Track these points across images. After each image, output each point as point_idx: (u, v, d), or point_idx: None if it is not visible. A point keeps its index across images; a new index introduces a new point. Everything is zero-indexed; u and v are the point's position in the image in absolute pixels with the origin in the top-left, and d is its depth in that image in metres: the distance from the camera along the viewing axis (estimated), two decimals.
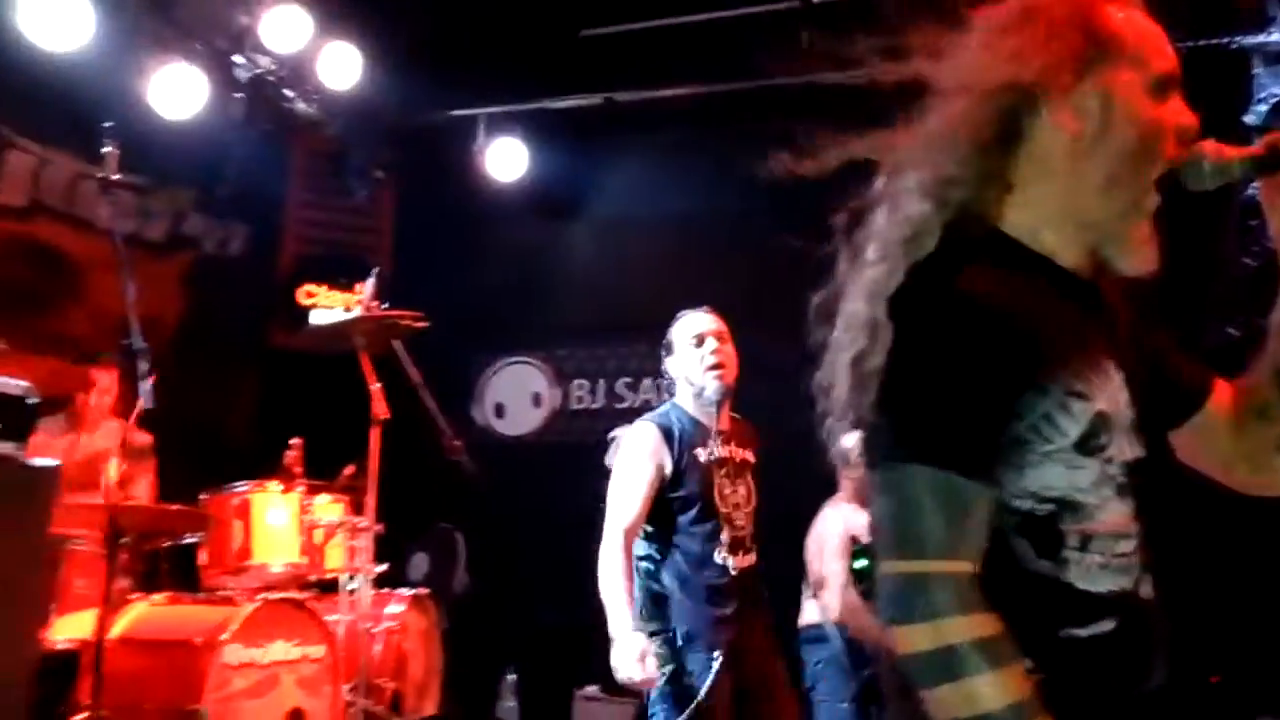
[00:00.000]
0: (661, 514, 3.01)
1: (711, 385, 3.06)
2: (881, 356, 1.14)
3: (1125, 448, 1.19)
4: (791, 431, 1.36)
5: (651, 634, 2.90)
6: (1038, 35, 1.22)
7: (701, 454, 3.03)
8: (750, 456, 3.16)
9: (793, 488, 4.37)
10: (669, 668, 2.87)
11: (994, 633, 1.07)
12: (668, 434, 3.03)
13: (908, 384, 1.13)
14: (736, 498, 3.04)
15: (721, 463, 3.04)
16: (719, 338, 3.16)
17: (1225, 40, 4.45)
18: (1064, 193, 1.25)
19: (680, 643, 2.91)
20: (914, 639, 1.08)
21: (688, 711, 2.84)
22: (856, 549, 3.95)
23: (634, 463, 3.00)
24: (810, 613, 4.26)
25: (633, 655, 2.79)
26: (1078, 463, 1.15)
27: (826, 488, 4.25)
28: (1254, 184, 1.32)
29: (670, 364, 3.19)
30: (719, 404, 3.09)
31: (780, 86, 5.10)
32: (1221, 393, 1.36)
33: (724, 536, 2.97)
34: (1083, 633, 1.14)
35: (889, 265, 1.19)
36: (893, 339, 1.14)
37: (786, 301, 1.32)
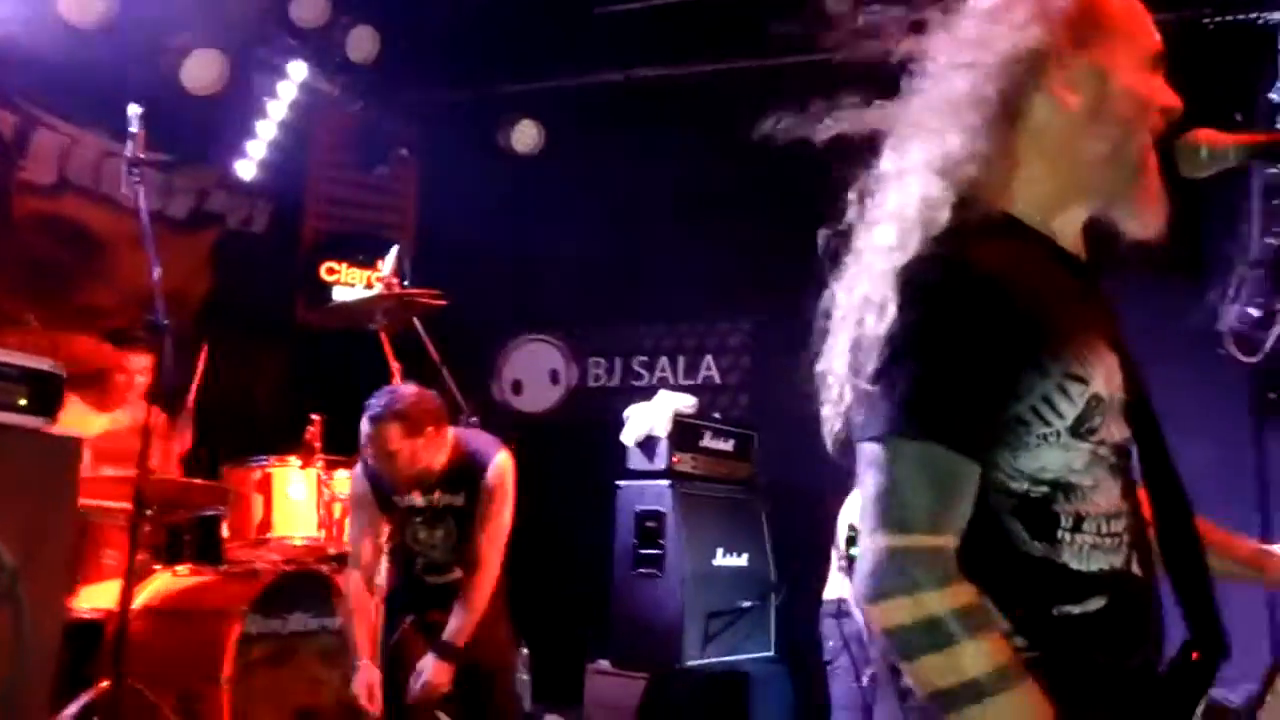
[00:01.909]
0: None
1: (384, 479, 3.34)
2: (884, 330, 1.14)
3: (1114, 430, 1.19)
4: (805, 412, 1.37)
5: None
6: (1033, 9, 1.24)
7: (399, 500, 3.36)
8: (459, 500, 3.33)
9: (806, 465, 4.41)
10: None
11: (973, 601, 1.08)
12: (376, 482, 3.36)
13: (907, 357, 1.12)
14: (432, 539, 3.36)
15: (417, 510, 3.35)
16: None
17: (1253, 16, 4.39)
18: (1066, 168, 1.26)
19: None
20: (895, 613, 1.08)
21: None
22: (850, 537, 3.95)
23: (353, 508, 3.47)
24: (835, 587, 4.24)
25: (362, 685, 3.26)
26: (1072, 445, 1.16)
27: (835, 467, 4.25)
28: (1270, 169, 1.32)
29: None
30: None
31: (798, 64, 5.08)
32: None
33: (419, 563, 3.38)
34: (1075, 610, 1.15)
35: (897, 244, 1.18)
36: (896, 311, 1.13)
37: (804, 280, 1.32)
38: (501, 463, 3.34)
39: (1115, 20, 1.27)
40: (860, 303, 1.18)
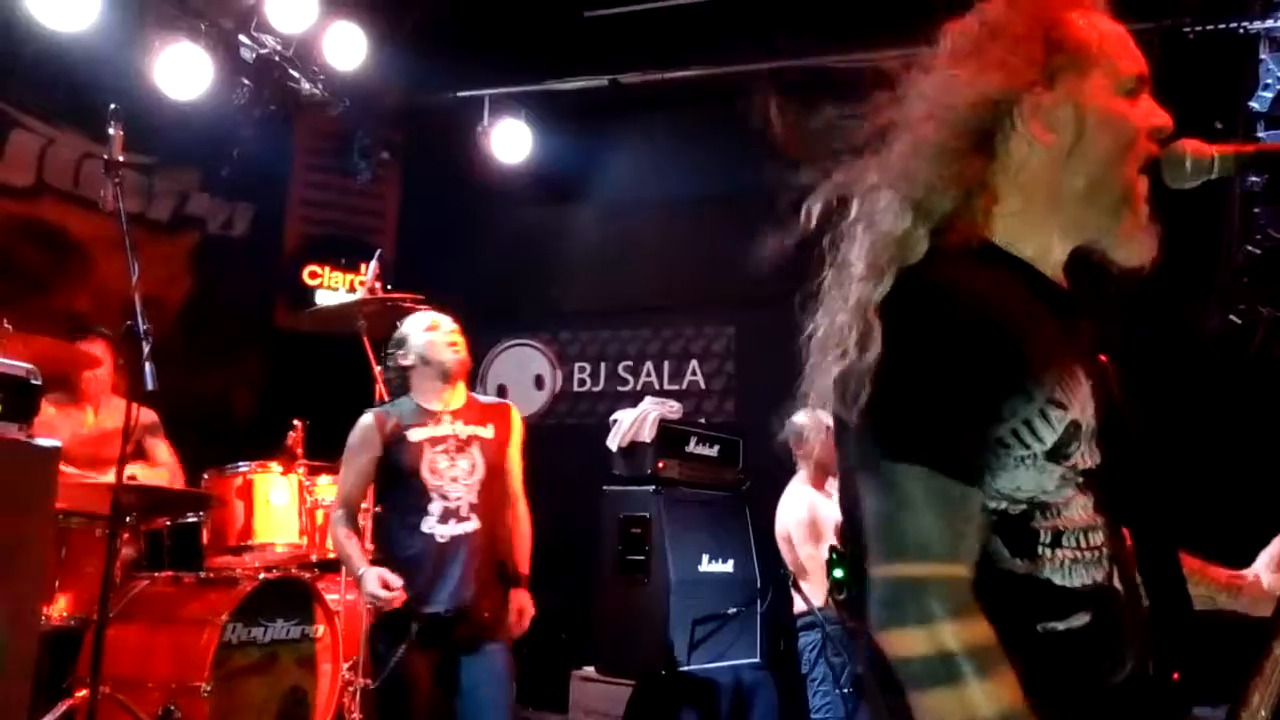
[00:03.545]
0: (382, 488, 3.37)
1: (448, 356, 3.38)
2: (870, 360, 1.13)
3: (1086, 455, 1.19)
4: (790, 417, 1.37)
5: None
6: (1001, 51, 1.22)
7: (415, 434, 3.30)
8: (489, 433, 3.39)
9: (791, 471, 4.40)
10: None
11: (987, 637, 1.07)
12: (382, 421, 3.33)
13: (900, 386, 1.12)
14: (454, 471, 3.28)
15: (439, 439, 3.31)
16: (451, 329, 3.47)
17: (1234, 25, 4.42)
18: (1044, 202, 1.25)
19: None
20: (908, 643, 1.07)
21: (381, 677, 3.17)
22: (831, 556, 3.95)
23: (350, 446, 3.38)
24: (799, 601, 4.27)
25: (373, 580, 3.11)
26: (1046, 468, 1.16)
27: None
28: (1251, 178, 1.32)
29: (403, 356, 3.44)
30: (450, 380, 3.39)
31: (786, 68, 5.09)
32: None
33: (434, 508, 3.24)
34: (1060, 626, 1.15)
35: (876, 276, 1.19)
36: (882, 342, 1.13)
37: (789, 286, 1.32)
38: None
39: (1091, 51, 1.25)
40: (843, 333, 1.18)
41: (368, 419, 3.37)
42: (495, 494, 3.35)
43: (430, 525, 3.24)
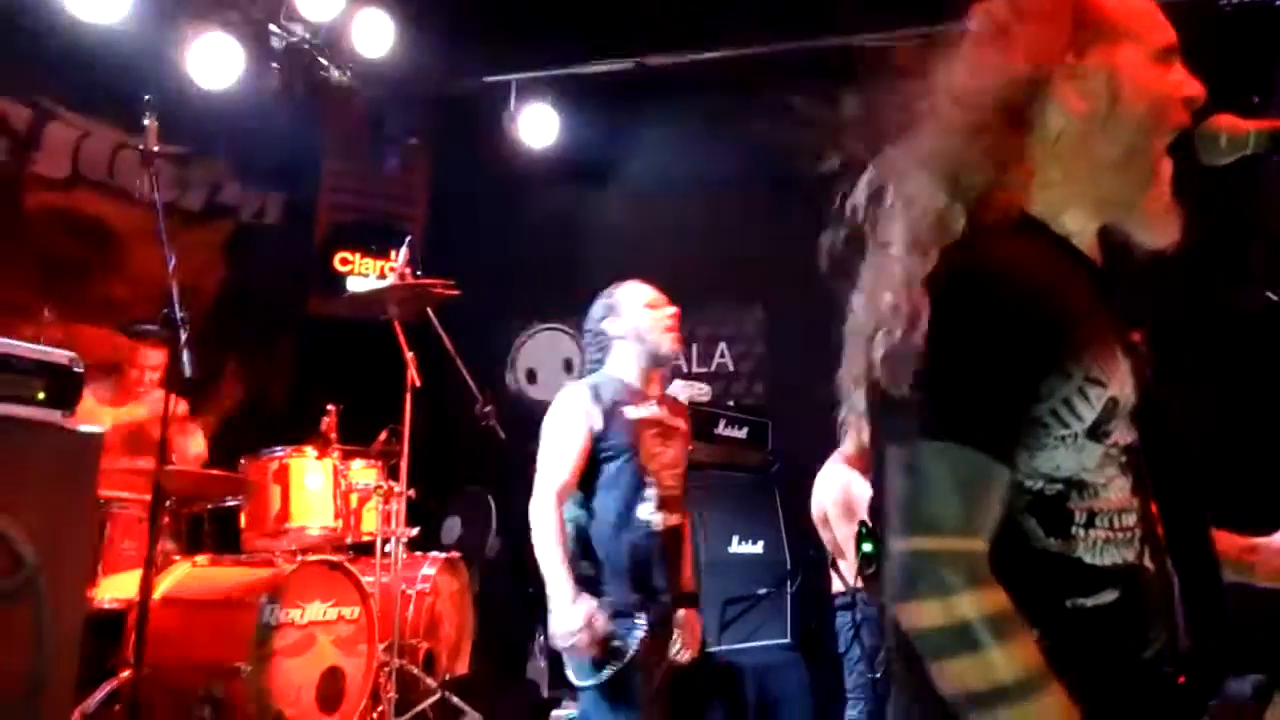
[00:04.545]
0: (589, 471, 2.92)
1: (666, 343, 3.08)
2: (916, 338, 1.14)
3: (1125, 433, 1.20)
4: (820, 399, 1.38)
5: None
6: (1029, 30, 1.23)
7: (630, 411, 2.97)
8: (683, 425, 3.13)
9: (820, 452, 4.40)
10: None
11: (1004, 605, 1.09)
12: (596, 394, 2.98)
13: (940, 363, 1.13)
14: (665, 458, 2.98)
15: (651, 422, 3.00)
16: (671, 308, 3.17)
17: None
18: (1082, 173, 1.25)
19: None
20: (925, 615, 1.09)
21: (605, 674, 2.74)
22: (861, 532, 3.95)
23: (564, 422, 2.93)
24: (836, 580, 4.28)
25: (588, 617, 2.70)
26: (1087, 447, 1.17)
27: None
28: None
29: (613, 325, 3.11)
30: (660, 366, 3.12)
31: (816, 50, 5.05)
32: None
33: (650, 493, 2.92)
34: (1088, 602, 1.16)
35: (918, 253, 1.19)
36: (926, 320, 1.14)
37: (818, 268, 1.33)
38: None
39: (1120, 21, 1.26)
40: (887, 312, 1.19)
41: (580, 390, 2.98)
42: (686, 494, 3.06)
43: (648, 512, 2.90)
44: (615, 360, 3.10)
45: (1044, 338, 1.13)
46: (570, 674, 2.83)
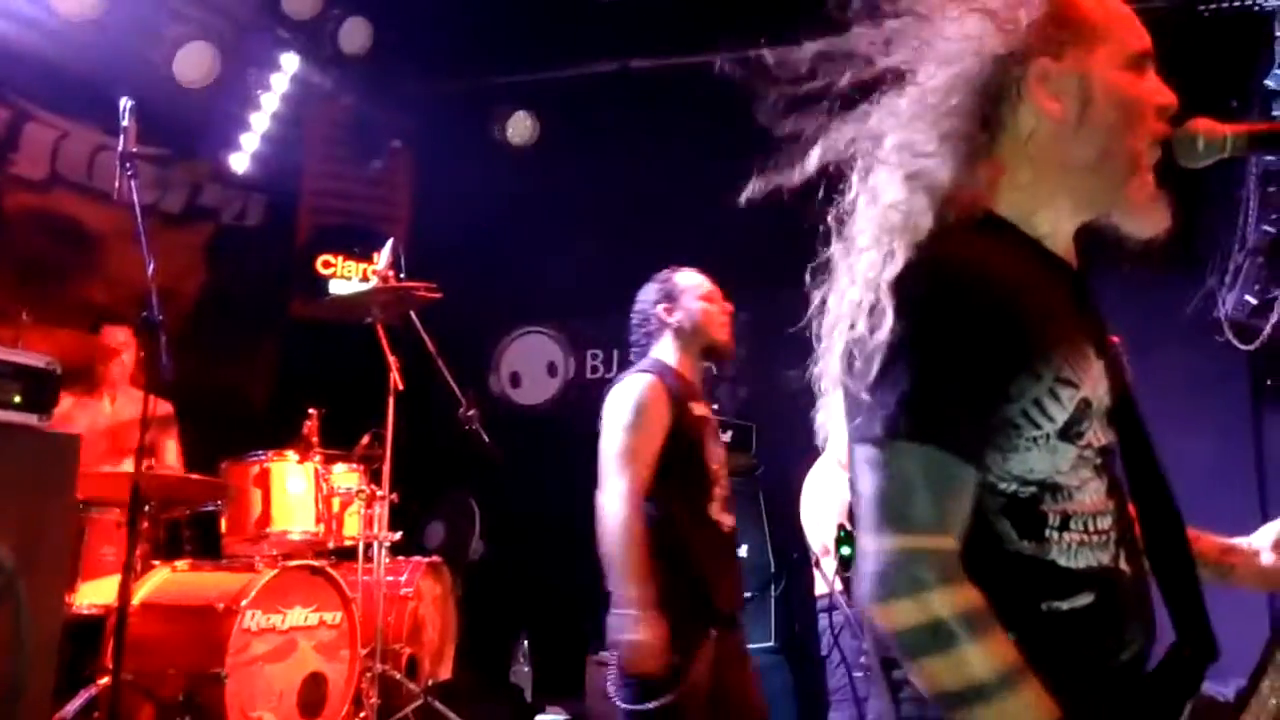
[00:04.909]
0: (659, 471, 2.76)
1: (722, 339, 2.97)
2: (881, 337, 1.14)
3: (1100, 434, 1.20)
4: (803, 403, 1.37)
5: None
6: (1007, 11, 1.22)
7: (696, 408, 2.86)
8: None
9: (796, 456, 4.40)
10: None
11: (977, 602, 1.09)
12: (667, 385, 2.81)
13: (906, 363, 1.13)
14: (720, 457, 2.88)
15: (708, 419, 2.89)
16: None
17: (1248, 2, 4.38)
18: (1053, 175, 1.25)
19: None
20: (899, 614, 1.09)
21: (652, 705, 2.59)
22: (839, 535, 3.95)
23: (642, 414, 2.74)
24: (820, 583, 4.28)
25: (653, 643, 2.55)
26: (1060, 448, 1.16)
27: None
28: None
29: (667, 311, 2.97)
30: (708, 360, 3.01)
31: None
32: None
33: (717, 492, 2.81)
34: (1063, 605, 1.15)
35: (883, 250, 1.19)
36: (892, 319, 1.14)
37: (802, 271, 1.32)
38: None
39: (1095, 24, 1.25)
40: (852, 310, 1.19)
41: (651, 381, 2.77)
42: None
43: (716, 512, 2.78)
44: (663, 348, 2.95)
45: (1010, 338, 1.13)
46: (611, 688, 2.68)
